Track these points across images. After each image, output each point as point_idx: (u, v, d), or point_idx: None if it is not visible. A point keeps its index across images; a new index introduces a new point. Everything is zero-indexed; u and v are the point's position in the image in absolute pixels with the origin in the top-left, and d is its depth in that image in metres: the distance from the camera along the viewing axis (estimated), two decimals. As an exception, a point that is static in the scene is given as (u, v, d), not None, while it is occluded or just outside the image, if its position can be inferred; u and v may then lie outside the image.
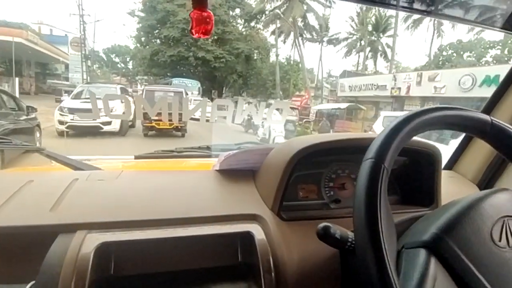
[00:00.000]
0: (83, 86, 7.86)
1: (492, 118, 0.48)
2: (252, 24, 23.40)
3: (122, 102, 1.05)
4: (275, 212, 0.65)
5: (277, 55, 23.75)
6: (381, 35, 25.18)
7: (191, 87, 15.88)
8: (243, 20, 23.03)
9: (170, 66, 19.73)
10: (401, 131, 0.42)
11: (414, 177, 0.77)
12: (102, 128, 6.13)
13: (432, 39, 22.63)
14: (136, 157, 1.07)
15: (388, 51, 25.05)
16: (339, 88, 19.76)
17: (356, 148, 0.72)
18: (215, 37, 19.37)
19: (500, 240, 0.45)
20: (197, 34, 0.61)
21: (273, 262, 0.56)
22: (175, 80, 16.35)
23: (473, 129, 0.49)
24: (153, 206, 0.64)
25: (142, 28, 20.29)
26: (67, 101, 6.76)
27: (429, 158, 0.74)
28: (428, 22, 21.52)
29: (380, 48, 25.20)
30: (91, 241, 0.52)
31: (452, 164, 1.03)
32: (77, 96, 6.92)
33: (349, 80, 19.04)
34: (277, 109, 1.26)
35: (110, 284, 0.55)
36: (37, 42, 13.04)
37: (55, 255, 0.50)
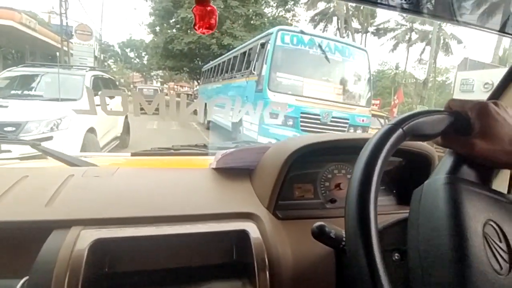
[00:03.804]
0: (15, 71, 4.64)
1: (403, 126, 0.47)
2: (288, 6, 21.46)
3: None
4: (270, 211, 0.75)
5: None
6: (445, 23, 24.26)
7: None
8: (275, 3, 21.14)
9: (187, 57, 18.73)
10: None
11: (410, 178, 0.88)
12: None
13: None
14: (133, 154, 1.22)
15: (454, 43, 24.11)
16: (459, 87, 13.65)
17: (353, 148, 0.82)
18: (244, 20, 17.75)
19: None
20: (200, 30, 0.70)
21: (268, 260, 0.64)
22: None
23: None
24: (149, 203, 0.73)
25: (155, 13, 19.88)
26: None
27: (425, 160, 0.85)
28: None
29: (443, 38, 24.34)
30: (86, 238, 0.59)
31: None
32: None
33: (485, 75, 12.46)
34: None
35: (105, 281, 0.62)
36: (34, 28, 12.22)
37: (49, 251, 0.56)
